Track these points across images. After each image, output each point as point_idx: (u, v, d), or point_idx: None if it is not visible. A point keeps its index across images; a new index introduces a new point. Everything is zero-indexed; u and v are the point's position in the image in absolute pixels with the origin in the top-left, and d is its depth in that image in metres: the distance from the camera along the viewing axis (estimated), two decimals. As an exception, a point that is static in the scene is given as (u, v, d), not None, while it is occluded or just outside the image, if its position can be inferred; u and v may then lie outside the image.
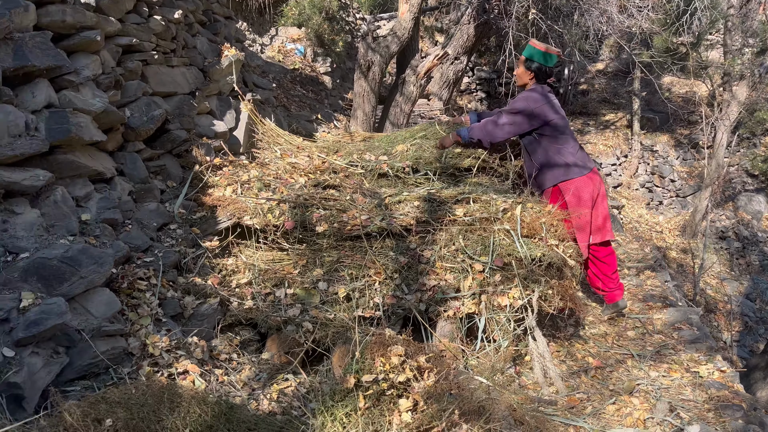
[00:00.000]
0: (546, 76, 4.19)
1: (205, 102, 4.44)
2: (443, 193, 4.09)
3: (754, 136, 11.58)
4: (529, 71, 4.16)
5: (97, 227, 3.15)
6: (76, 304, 2.70)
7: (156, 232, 3.59)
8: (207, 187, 4.05)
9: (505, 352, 3.40)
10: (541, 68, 4.14)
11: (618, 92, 13.66)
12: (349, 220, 3.85)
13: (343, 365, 2.79)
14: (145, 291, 3.11)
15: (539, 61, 4.12)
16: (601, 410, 3.22)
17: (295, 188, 4.15)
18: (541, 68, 4.14)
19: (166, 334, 2.97)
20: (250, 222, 3.79)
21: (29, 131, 2.92)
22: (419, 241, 3.82)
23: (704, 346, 4.09)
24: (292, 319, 3.39)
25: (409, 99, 6.09)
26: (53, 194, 3.00)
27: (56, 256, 2.64)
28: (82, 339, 2.62)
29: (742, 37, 11.83)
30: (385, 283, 3.64)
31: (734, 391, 3.48)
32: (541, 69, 4.14)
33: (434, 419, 2.30)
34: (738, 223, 10.84)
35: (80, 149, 3.28)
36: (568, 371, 3.69)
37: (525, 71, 4.18)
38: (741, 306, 8.67)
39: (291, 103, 6.63)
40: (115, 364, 2.70)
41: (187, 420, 2.20)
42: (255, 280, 3.64)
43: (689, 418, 3.14)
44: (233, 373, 3.08)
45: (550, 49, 4.13)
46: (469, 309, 3.51)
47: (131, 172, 3.68)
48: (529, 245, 3.63)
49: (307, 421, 2.39)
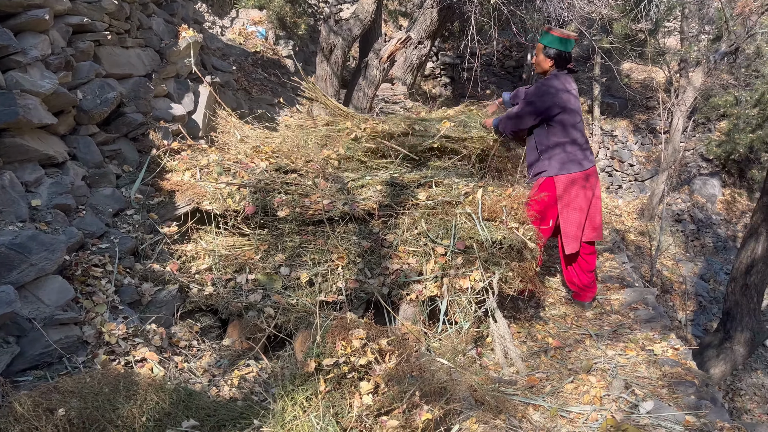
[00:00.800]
0: (565, 62, 4.14)
1: (162, 84, 4.33)
2: (406, 177, 4.09)
3: (708, 122, 11.90)
4: (549, 58, 4.12)
5: (48, 213, 3.05)
6: (26, 292, 2.62)
7: (112, 218, 3.50)
8: (165, 171, 3.96)
9: (466, 333, 3.43)
10: (561, 54, 4.09)
11: (578, 78, 13.84)
12: (312, 204, 3.82)
13: (305, 350, 2.78)
14: (101, 278, 3.03)
15: (557, 47, 4.08)
16: (560, 389, 3.28)
17: (255, 173, 4.09)
18: (561, 54, 4.09)
19: (123, 322, 2.90)
20: (210, 207, 3.72)
21: (-27, 113, 2.80)
22: (382, 225, 3.81)
23: (659, 325, 4.20)
24: (253, 305, 3.35)
25: (372, 83, 6.05)
26: (1, 179, 2.89)
27: (4, 243, 2.54)
28: (33, 328, 2.54)
29: (698, 24, 12.11)
30: (347, 268, 3.62)
31: (687, 368, 3.58)
32: (560, 55, 4.09)
33: (395, 401, 2.31)
34: (693, 206, 11.15)
35: (29, 132, 3.16)
36: (528, 351, 3.75)
37: (545, 58, 4.14)
38: (695, 286, 8.96)
39: (252, 87, 6.52)
40: (69, 353, 2.63)
41: (143, 408, 2.16)
42: (215, 266, 3.59)
43: (644, 395, 3.22)
44: (193, 360, 3.04)
45: (567, 34, 4.10)
46: (431, 292, 3.53)
47: (84, 156, 3.57)
48: (490, 228, 3.66)
49: (268, 406, 2.37)
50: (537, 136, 4.20)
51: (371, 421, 2.22)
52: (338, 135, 4.88)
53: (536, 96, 4.13)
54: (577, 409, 3.06)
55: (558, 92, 4.07)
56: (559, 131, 4.11)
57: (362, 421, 2.18)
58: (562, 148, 4.11)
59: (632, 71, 13.54)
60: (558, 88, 4.07)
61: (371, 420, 2.22)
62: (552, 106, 4.04)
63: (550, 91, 4.08)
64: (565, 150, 4.11)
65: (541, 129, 4.17)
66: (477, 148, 4.51)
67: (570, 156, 4.10)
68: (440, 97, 12.21)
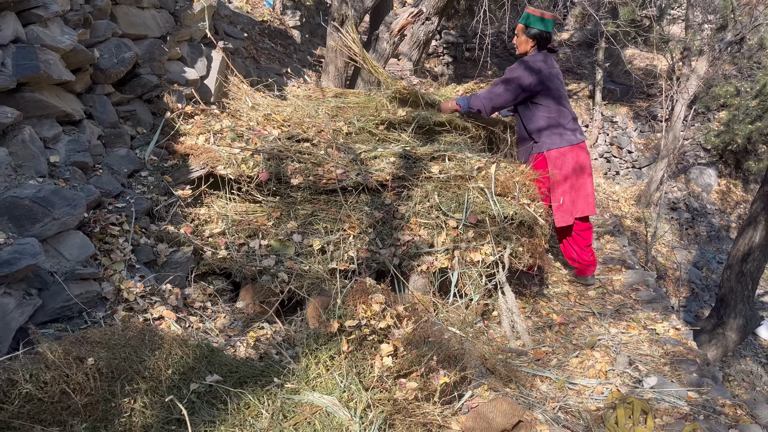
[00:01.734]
0: (546, 42, 4.16)
1: (176, 47, 4.30)
2: (419, 150, 4.11)
3: (708, 111, 11.95)
4: (530, 38, 4.13)
5: (66, 170, 3.05)
6: (48, 246, 2.63)
7: (127, 179, 3.49)
8: (178, 135, 3.95)
9: (476, 306, 3.49)
10: (542, 34, 4.11)
11: (581, 62, 13.83)
12: (325, 173, 3.84)
13: (317, 316, 2.82)
14: (118, 237, 3.05)
15: (537, 27, 4.10)
16: (566, 363, 3.35)
17: (268, 140, 4.09)
18: (542, 34, 4.11)
19: (140, 280, 2.92)
20: (224, 172, 3.73)
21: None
22: (394, 197, 3.84)
23: (660, 306, 4.28)
24: (267, 270, 3.38)
25: (382, 56, 6.02)
26: (21, 133, 2.88)
27: (28, 195, 2.55)
28: (54, 282, 2.56)
29: (703, 12, 12.10)
30: (359, 237, 3.65)
31: (688, 347, 3.67)
32: (541, 35, 4.11)
33: (414, 364, 2.36)
34: (689, 195, 11.25)
35: (48, 89, 3.14)
36: (533, 326, 3.82)
37: (526, 39, 4.15)
38: (689, 273, 9.08)
39: (261, 56, 6.47)
40: (89, 308, 2.65)
41: (169, 361, 2.20)
42: (228, 231, 3.60)
43: (647, 371, 3.30)
44: (208, 320, 3.08)
45: (545, 14, 4.12)
46: (441, 264, 3.57)
47: (100, 115, 3.56)
48: (502, 203, 3.69)
49: (288, 365, 2.41)
50: (524, 117, 4.23)
51: (391, 382, 2.26)
52: (348, 107, 4.89)
53: (518, 72, 4.11)
54: (583, 381, 3.14)
55: (540, 69, 4.08)
56: (545, 109, 4.14)
57: (383, 382, 2.23)
58: (550, 124, 4.15)
59: (634, 58, 13.54)
60: (540, 66, 4.08)
61: (391, 381, 2.27)
62: (534, 83, 4.05)
63: (533, 67, 4.08)
64: (553, 125, 4.15)
65: (527, 108, 4.20)
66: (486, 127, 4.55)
67: (559, 130, 4.14)
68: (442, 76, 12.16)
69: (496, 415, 2.38)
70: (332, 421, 2.03)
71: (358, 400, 2.12)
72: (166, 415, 2.04)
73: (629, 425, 2.71)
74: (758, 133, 10.68)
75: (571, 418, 2.78)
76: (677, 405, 2.98)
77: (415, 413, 2.22)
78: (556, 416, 2.68)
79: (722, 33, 10.04)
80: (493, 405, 2.43)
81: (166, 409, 2.05)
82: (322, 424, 2.01)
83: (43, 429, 1.86)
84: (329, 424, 2.03)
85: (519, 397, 2.75)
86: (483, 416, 2.37)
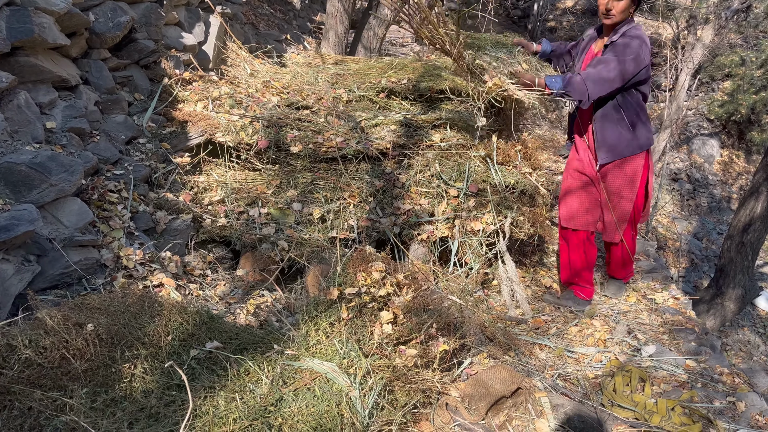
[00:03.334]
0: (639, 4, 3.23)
1: (173, 12, 4.21)
2: (420, 118, 4.06)
3: (713, 81, 11.81)
4: (634, 2, 3.17)
5: (63, 136, 3.01)
6: (46, 212, 2.61)
7: (124, 146, 3.46)
8: (176, 101, 3.90)
9: (476, 275, 3.48)
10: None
11: (585, 31, 13.62)
12: (325, 141, 3.80)
13: (317, 283, 2.82)
14: (116, 204, 3.03)
15: None
16: (565, 331, 3.36)
17: (267, 107, 4.04)
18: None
19: (140, 248, 2.91)
20: (223, 139, 3.69)
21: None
22: (395, 165, 3.81)
23: (660, 276, 4.28)
24: (266, 238, 3.37)
25: (383, 22, 5.92)
26: (16, 98, 2.83)
27: (24, 161, 2.52)
28: (53, 248, 2.55)
29: (710, -20, 11.86)
30: (359, 206, 3.64)
31: (687, 316, 3.68)
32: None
33: (413, 332, 2.36)
34: (691, 165, 11.19)
35: (42, 53, 3.09)
36: (533, 295, 3.82)
37: (630, 3, 3.16)
38: (689, 244, 9.08)
39: (260, 22, 6.36)
40: (89, 274, 2.65)
41: (168, 328, 2.20)
42: (228, 198, 3.58)
43: (646, 340, 3.31)
44: (208, 288, 3.07)
45: None
46: (442, 233, 3.56)
47: (97, 81, 3.50)
48: (503, 172, 3.67)
49: (288, 332, 2.41)
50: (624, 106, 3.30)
51: (390, 349, 2.27)
52: (348, 74, 4.82)
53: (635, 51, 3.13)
54: (582, 350, 3.15)
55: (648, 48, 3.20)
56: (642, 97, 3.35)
57: (383, 349, 2.23)
58: (646, 115, 3.40)
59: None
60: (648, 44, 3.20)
61: (390, 348, 2.27)
62: (648, 67, 3.21)
63: (647, 44, 3.19)
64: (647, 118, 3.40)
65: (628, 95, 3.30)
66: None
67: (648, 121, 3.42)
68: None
69: (495, 381, 2.39)
70: (332, 387, 2.04)
71: (357, 366, 2.12)
72: (166, 381, 2.04)
73: (627, 392, 2.73)
74: (762, 104, 10.58)
75: (570, 385, 2.80)
76: (675, 373, 3.00)
77: (415, 380, 2.23)
78: (555, 383, 2.69)
79: (729, 1, 9.85)
80: (492, 372, 2.44)
81: (166, 374, 2.06)
82: (321, 390, 2.02)
83: (43, 393, 1.87)
84: (329, 389, 2.03)
85: (518, 365, 2.76)
86: (482, 383, 2.38)
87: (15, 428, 1.80)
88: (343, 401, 2.00)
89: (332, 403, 1.98)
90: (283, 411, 1.94)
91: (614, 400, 2.65)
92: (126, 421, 1.88)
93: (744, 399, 2.87)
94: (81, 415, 1.83)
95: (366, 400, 2.04)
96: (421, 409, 2.23)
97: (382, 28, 5.92)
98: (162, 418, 1.90)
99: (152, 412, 1.93)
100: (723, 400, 2.85)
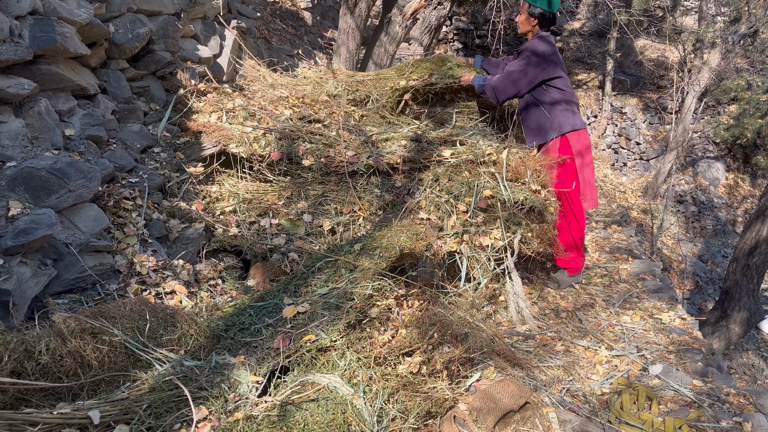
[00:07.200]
0: (549, 23, 3.95)
1: (189, 25, 4.29)
2: (430, 134, 4.11)
3: (718, 104, 11.88)
4: (533, 17, 3.91)
5: (81, 143, 3.06)
6: (63, 217, 2.65)
7: (140, 154, 3.51)
8: (191, 112, 3.96)
9: (484, 290, 3.50)
10: (545, 14, 3.92)
11: (592, 52, 13.74)
12: (336, 155, 3.84)
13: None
14: (131, 211, 3.07)
15: (542, 6, 3.90)
16: (572, 348, 3.37)
17: (280, 120, 4.10)
18: (545, 14, 3.92)
19: (153, 255, 2.95)
20: (236, 150, 3.74)
21: (13, 37, 2.78)
22: (405, 179, 3.84)
23: (666, 295, 4.29)
24: (277, 248, 3.40)
25: (394, 39, 6.00)
26: (37, 105, 2.89)
27: (44, 166, 2.57)
28: (69, 253, 2.58)
29: (716, 4, 11.99)
30: (369, 219, 3.67)
31: (694, 337, 3.68)
32: (544, 15, 3.92)
33: (416, 341, 2.38)
34: (696, 188, 11.22)
35: (63, 62, 3.15)
36: (539, 312, 3.83)
37: (528, 17, 3.92)
38: (694, 266, 9.08)
39: (272, 36, 6.45)
40: (103, 280, 2.68)
41: (181, 341, 2.22)
42: (239, 209, 3.62)
43: (653, 359, 3.32)
44: (219, 296, 3.10)
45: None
46: (450, 247, 3.58)
47: (114, 90, 3.57)
48: (513, 189, 3.70)
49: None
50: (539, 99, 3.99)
51: (394, 359, 2.29)
52: (367, 80, 4.88)
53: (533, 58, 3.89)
54: (589, 367, 3.15)
55: (552, 53, 3.91)
56: (558, 91, 3.97)
57: (386, 359, 2.25)
58: (564, 105, 3.98)
59: (646, 48, 13.44)
60: (550, 51, 3.90)
61: (394, 358, 2.29)
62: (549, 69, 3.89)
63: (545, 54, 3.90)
64: (567, 107, 3.98)
65: (542, 91, 3.99)
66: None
67: (573, 109, 4.00)
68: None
69: (504, 395, 2.41)
70: (336, 397, 2.05)
71: (361, 375, 2.14)
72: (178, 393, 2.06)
73: (634, 410, 2.74)
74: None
75: (577, 401, 2.81)
76: (682, 393, 3.00)
77: (422, 389, 2.25)
78: (562, 399, 2.70)
79: (735, 25, 9.95)
80: (500, 386, 2.45)
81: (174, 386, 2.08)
82: (326, 401, 2.03)
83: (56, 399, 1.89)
84: (333, 399, 2.05)
85: (526, 379, 2.78)
86: (490, 397, 2.40)
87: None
88: (349, 410, 2.01)
89: (338, 412, 1.99)
90: (288, 421, 1.95)
91: (621, 418, 2.66)
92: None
93: (751, 420, 2.87)
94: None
95: (371, 408, 2.05)
96: (430, 420, 2.24)
97: (393, 44, 6.00)
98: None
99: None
100: (730, 420, 2.85)
